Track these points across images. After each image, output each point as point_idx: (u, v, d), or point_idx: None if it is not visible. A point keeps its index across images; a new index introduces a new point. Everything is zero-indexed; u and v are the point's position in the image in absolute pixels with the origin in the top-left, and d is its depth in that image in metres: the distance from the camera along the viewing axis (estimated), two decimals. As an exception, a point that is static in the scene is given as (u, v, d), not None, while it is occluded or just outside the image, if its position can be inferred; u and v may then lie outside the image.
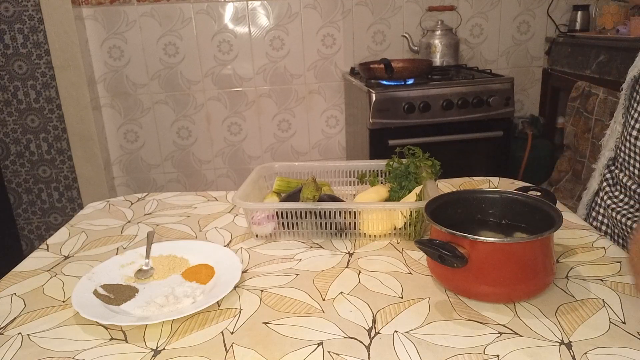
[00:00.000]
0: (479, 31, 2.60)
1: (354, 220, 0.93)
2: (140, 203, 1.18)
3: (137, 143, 2.57)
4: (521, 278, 0.70)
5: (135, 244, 0.96)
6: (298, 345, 0.65)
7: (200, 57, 2.47)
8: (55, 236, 1.01)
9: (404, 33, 2.50)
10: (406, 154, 1.07)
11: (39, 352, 0.66)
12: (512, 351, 0.62)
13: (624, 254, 0.84)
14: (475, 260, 0.69)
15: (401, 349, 0.63)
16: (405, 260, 0.86)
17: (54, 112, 2.45)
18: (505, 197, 0.83)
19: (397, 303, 0.73)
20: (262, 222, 0.94)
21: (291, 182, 1.09)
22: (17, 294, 0.80)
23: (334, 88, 2.59)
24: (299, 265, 0.85)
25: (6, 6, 2.28)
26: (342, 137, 2.67)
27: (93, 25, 2.36)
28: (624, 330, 0.65)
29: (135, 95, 2.49)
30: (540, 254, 0.70)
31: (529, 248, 0.69)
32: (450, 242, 0.69)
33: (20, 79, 2.38)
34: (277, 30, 2.48)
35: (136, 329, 0.69)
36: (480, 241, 0.68)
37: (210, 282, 0.80)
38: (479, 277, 0.70)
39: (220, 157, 2.64)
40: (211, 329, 0.69)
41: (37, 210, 2.59)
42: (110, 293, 0.77)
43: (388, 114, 2.05)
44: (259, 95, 2.56)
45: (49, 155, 2.51)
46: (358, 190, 1.14)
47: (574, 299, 0.72)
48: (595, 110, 1.97)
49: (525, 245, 0.69)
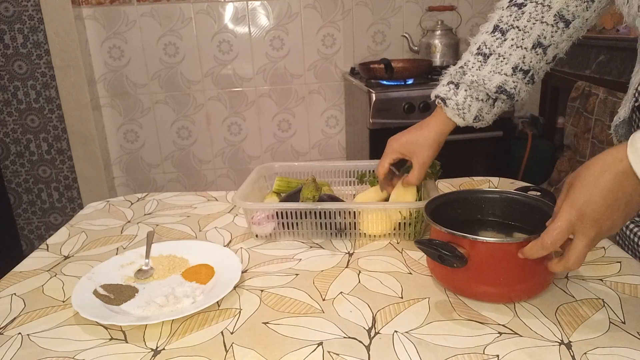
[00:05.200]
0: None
1: (353, 220, 0.93)
2: (140, 203, 1.18)
3: (137, 143, 2.57)
4: (521, 278, 0.70)
5: (135, 244, 0.96)
6: (298, 345, 0.65)
7: (200, 57, 2.47)
8: (55, 236, 1.01)
9: (404, 33, 2.50)
10: (406, 154, 1.07)
11: (39, 352, 0.66)
12: (512, 351, 0.62)
13: (624, 254, 0.84)
14: (474, 260, 0.69)
15: (401, 349, 0.63)
16: (405, 260, 0.86)
17: (54, 112, 2.45)
18: (505, 197, 0.83)
19: (397, 303, 0.73)
20: (262, 222, 0.94)
21: (291, 182, 1.09)
22: (17, 294, 0.80)
23: (334, 88, 2.59)
24: (298, 265, 0.85)
25: (6, 6, 2.28)
26: (342, 137, 2.67)
27: (93, 25, 2.36)
28: (624, 330, 0.65)
29: (135, 95, 2.49)
30: None
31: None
32: (450, 242, 0.69)
33: (20, 79, 2.38)
34: (277, 30, 2.48)
35: (136, 329, 0.69)
36: (479, 241, 0.68)
37: (210, 282, 0.80)
38: (479, 277, 0.70)
39: (220, 157, 2.64)
40: (211, 329, 0.69)
41: (37, 210, 2.59)
42: (110, 293, 0.77)
43: (388, 114, 2.05)
44: (259, 95, 2.56)
45: (49, 155, 2.51)
46: (358, 190, 1.14)
47: (573, 299, 0.72)
48: (595, 110, 1.97)
49: (524, 245, 0.69)
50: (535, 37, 0.84)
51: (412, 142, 0.94)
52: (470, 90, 0.89)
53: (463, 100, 0.89)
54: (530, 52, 0.85)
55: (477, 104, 0.89)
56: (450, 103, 0.90)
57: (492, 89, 0.86)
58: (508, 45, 0.85)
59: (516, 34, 0.85)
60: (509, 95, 0.87)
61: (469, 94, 0.89)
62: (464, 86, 0.89)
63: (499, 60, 0.86)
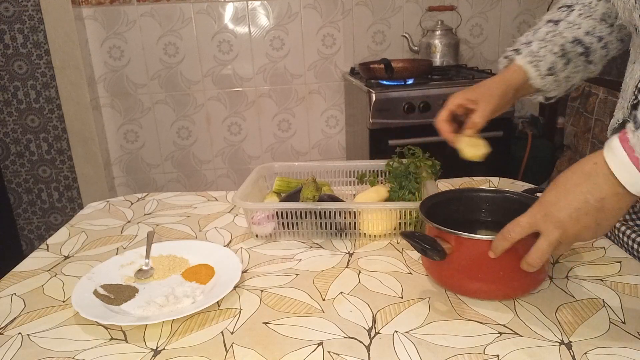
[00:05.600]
0: (479, 31, 2.60)
1: (354, 220, 0.93)
2: (140, 203, 1.18)
3: (137, 143, 2.57)
4: (504, 275, 0.70)
5: (135, 244, 0.96)
6: (298, 345, 0.65)
7: (200, 57, 2.47)
8: (55, 236, 1.01)
9: (404, 33, 2.50)
10: (406, 154, 1.07)
11: (39, 352, 0.66)
12: (512, 351, 0.62)
13: (624, 254, 0.84)
14: (460, 256, 0.70)
15: (401, 349, 0.63)
16: (405, 260, 0.86)
17: (54, 112, 2.45)
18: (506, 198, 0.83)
19: (397, 303, 0.73)
20: (262, 222, 0.94)
21: (291, 182, 1.09)
22: (17, 294, 0.80)
23: (334, 88, 2.59)
24: (299, 265, 0.85)
25: (6, 6, 2.28)
26: (342, 137, 2.67)
27: (93, 25, 2.36)
28: (624, 330, 0.65)
29: (135, 95, 2.49)
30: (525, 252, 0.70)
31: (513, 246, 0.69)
32: (438, 237, 0.71)
33: (20, 79, 2.38)
34: (277, 30, 2.48)
35: (136, 329, 0.69)
36: (462, 237, 0.70)
37: (210, 282, 0.80)
38: (462, 271, 0.71)
39: (220, 157, 2.64)
40: (211, 329, 0.69)
41: (37, 210, 2.59)
42: (110, 293, 0.77)
43: (388, 114, 2.05)
44: (259, 95, 2.56)
45: (49, 155, 2.51)
46: (358, 190, 1.14)
47: (574, 299, 0.72)
48: (595, 110, 1.97)
49: None
50: (600, 12, 0.83)
51: (477, 87, 0.88)
52: (544, 42, 0.85)
53: (537, 49, 0.85)
54: (600, 24, 0.83)
55: (551, 56, 0.85)
56: (523, 51, 0.86)
57: (569, 38, 0.83)
58: (576, 15, 0.84)
59: (580, 8, 0.85)
60: (585, 48, 0.83)
61: (542, 46, 0.85)
62: (536, 42, 0.86)
63: (570, 25, 0.84)
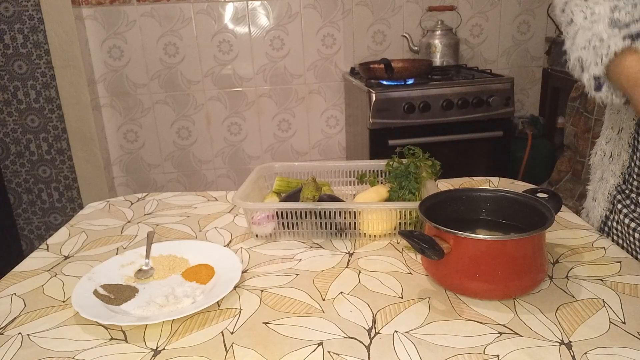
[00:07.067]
0: (479, 31, 2.60)
1: (354, 220, 0.93)
2: (140, 203, 1.18)
3: (137, 143, 2.57)
4: (507, 275, 0.70)
5: (135, 244, 0.96)
6: (298, 345, 0.65)
7: (200, 57, 2.47)
8: (55, 236, 1.01)
9: (404, 33, 2.50)
10: (406, 154, 1.07)
11: (39, 352, 0.66)
12: (512, 351, 0.62)
13: (624, 254, 0.84)
14: (459, 255, 0.70)
15: (401, 349, 0.63)
16: (405, 260, 0.86)
17: (54, 112, 2.45)
18: (503, 197, 0.83)
19: (397, 303, 0.73)
20: (262, 222, 0.94)
21: (291, 182, 1.09)
22: (17, 294, 0.80)
23: (334, 88, 2.59)
24: (299, 265, 0.85)
25: (6, 6, 2.28)
26: (342, 137, 2.67)
27: (93, 25, 2.36)
28: (624, 330, 0.65)
29: (135, 95, 2.49)
30: (524, 252, 0.71)
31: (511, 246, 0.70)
32: (436, 237, 0.71)
33: (20, 79, 2.38)
34: (277, 30, 2.48)
35: (136, 329, 0.69)
36: (461, 237, 0.70)
37: (210, 282, 0.80)
38: (462, 271, 0.71)
39: (220, 157, 2.64)
40: (211, 329, 0.69)
41: (37, 210, 2.59)
42: (110, 293, 0.77)
43: (388, 114, 2.05)
44: (259, 95, 2.56)
45: (49, 155, 2.51)
46: (358, 190, 1.14)
47: (574, 299, 0.72)
48: (595, 110, 1.97)
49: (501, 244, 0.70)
50: None
51: None
52: None
53: None
54: None
55: None
56: None
57: None
58: None
59: None
60: None
61: None
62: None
63: None
